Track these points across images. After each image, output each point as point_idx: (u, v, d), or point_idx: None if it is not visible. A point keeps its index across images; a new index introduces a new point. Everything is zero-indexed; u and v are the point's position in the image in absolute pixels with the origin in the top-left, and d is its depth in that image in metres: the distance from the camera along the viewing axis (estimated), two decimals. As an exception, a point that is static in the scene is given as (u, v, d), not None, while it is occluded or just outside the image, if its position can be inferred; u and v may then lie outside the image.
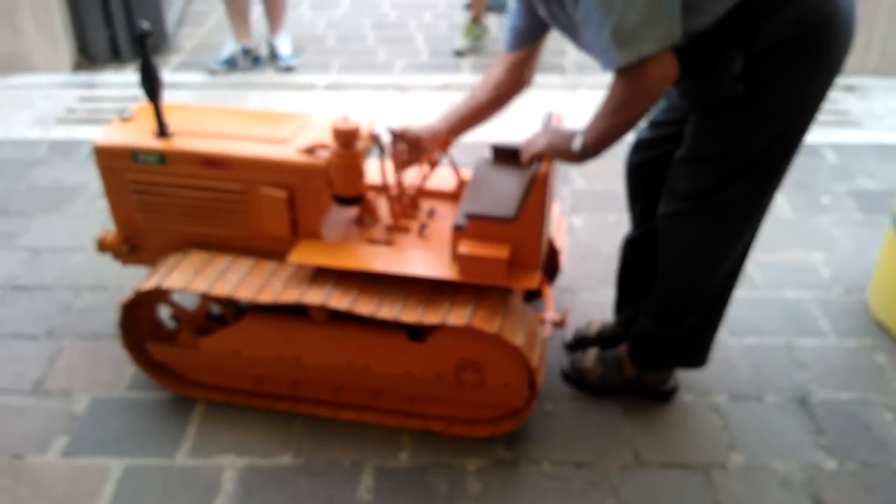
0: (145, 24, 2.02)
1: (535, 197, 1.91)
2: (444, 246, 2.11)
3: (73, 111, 4.08)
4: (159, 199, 2.18)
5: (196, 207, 2.17)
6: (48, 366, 2.41)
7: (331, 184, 2.06)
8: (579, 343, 2.48)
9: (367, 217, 2.23)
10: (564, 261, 2.54)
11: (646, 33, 1.58)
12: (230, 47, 4.59)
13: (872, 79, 4.44)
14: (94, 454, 2.13)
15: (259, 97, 4.27)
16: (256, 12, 4.75)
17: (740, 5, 1.64)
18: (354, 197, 2.08)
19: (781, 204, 3.27)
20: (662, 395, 2.30)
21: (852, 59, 4.39)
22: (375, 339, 2.09)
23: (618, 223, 3.09)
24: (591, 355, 2.35)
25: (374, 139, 2.13)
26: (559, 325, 2.30)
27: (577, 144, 1.83)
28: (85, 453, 2.13)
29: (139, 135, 2.15)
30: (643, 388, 2.29)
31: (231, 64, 4.54)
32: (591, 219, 3.15)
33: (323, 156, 2.04)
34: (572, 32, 1.79)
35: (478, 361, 2.07)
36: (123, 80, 4.40)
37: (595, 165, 3.26)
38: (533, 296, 2.57)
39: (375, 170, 2.21)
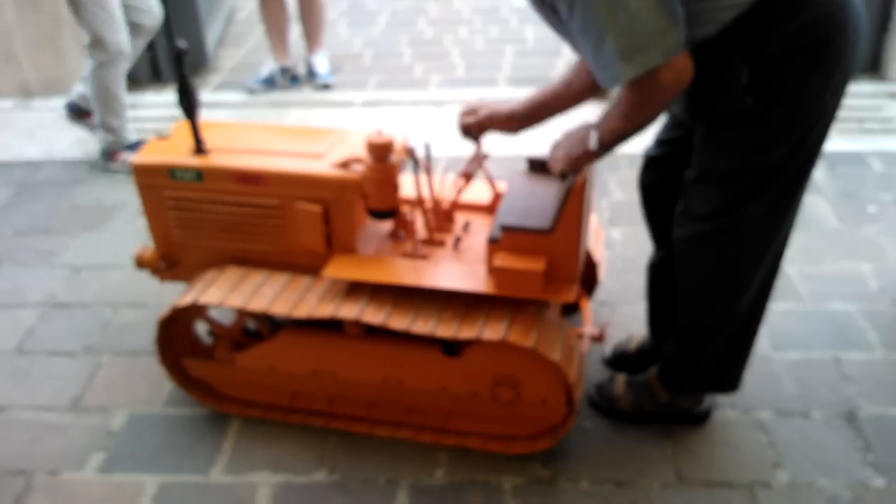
0: (182, 43, 2.04)
1: (572, 208, 1.87)
2: (480, 259, 2.08)
3: (114, 131, 4.13)
4: (196, 215, 2.19)
5: (232, 223, 2.18)
6: (86, 382, 2.43)
7: (365, 198, 2.05)
8: (619, 359, 2.43)
9: (401, 231, 2.22)
10: (603, 274, 2.50)
11: (651, 44, 1.50)
12: (269, 66, 4.62)
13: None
14: (130, 470, 2.13)
15: (297, 115, 4.29)
16: (295, 32, 4.78)
17: (748, 14, 1.58)
18: (389, 210, 2.07)
19: (827, 214, 3.19)
20: (697, 417, 2.24)
21: (895, 67, 4.31)
22: (410, 354, 2.07)
23: (657, 236, 3.04)
24: (620, 382, 2.28)
25: (409, 153, 2.12)
26: (598, 339, 2.27)
27: (593, 144, 1.76)
28: (121, 469, 2.14)
29: (176, 152, 2.17)
30: (677, 412, 2.23)
31: (269, 83, 4.57)
32: (629, 231, 3.11)
33: (357, 170, 2.04)
34: (570, 40, 1.73)
35: (514, 377, 2.04)
36: (164, 101, 4.46)
37: (634, 177, 3.22)
38: (571, 310, 2.53)
39: (411, 184, 2.20)
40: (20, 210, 3.41)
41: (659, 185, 2.08)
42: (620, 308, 2.69)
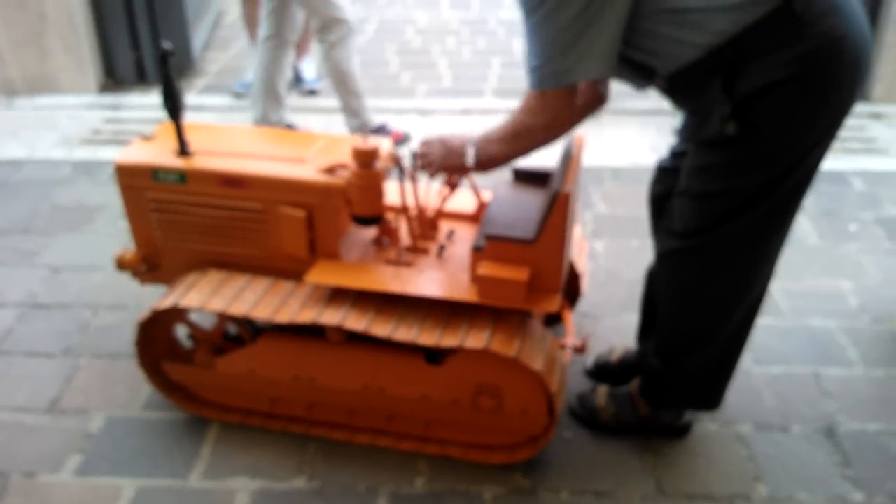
0: (167, 45, 2.02)
1: (555, 219, 1.88)
2: (463, 268, 2.08)
3: (98, 132, 4.11)
4: (178, 217, 2.17)
5: (215, 226, 2.16)
6: (64, 384, 2.40)
7: (350, 204, 2.04)
8: (601, 370, 2.43)
9: (385, 238, 2.21)
10: (586, 285, 2.50)
11: (554, 63, 1.63)
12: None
13: (900, 107, 4.39)
14: (107, 474, 2.11)
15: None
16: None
17: (732, 42, 1.58)
18: (373, 217, 2.07)
19: (808, 231, 3.22)
20: (678, 430, 2.24)
21: (879, 87, 4.36)
22: (392, 362, 2.06)
23: (640, 248, 3.05)
24: (602, 393, 2.28)
25: (395, 160, 2.12)
26: (580, 350, 2.27)
27: (470, 161, 1.88)
28: (98, 473, 2.11)
29: (160, 153, 2.16)
30: (658, 425, 2.23)
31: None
32: (613, 244, 3.12)
33: (342, 175, 2.03)
34: None
35: (496, 386, 2.03)
36: (149, 102, 4.44)
37: (617, 191, 3.22)
38: (554, 320, 2.53)
39: (395, 191, 2.19)
40: (0, 209, 3.37)
41: (666, 196, 2.08)
42: (603, 320, 2.69)
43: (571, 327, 2.39)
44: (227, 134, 2.34)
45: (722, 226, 1.78)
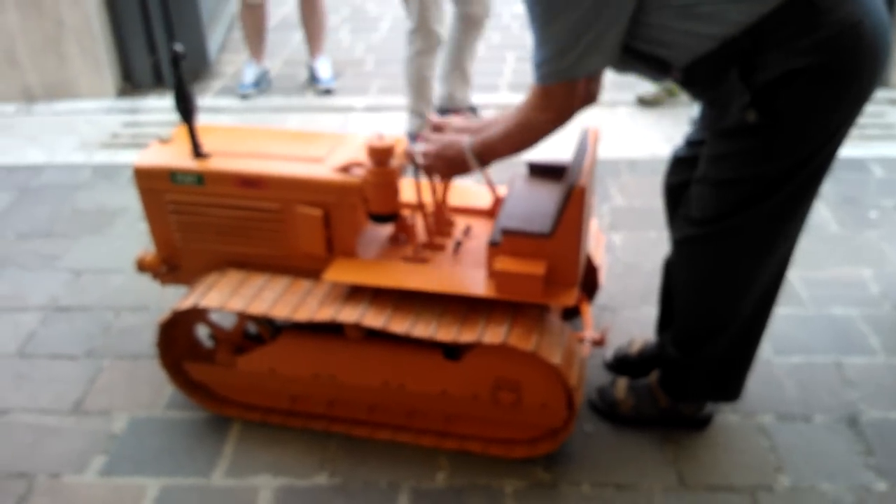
0: (179, 47, 2.03)
1: (571, 212, 1.88)
2: (480, 263, 2.08)
3: (116, 136, 4.14)
4: (197, 218, 2.19)
5: (233, 227, 2.18)
6: (88, 386, 2.43)
7: (366, 202, 2.05)
8: (621, 362, 2.43)
9: (402, 235, 2.22)
10: (603, 278, 2.50)
11: (560, 59, 1.64)
12: (252, 70, 4.65)
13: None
14: (131, 474, 2.13)
15: (298, 120, 4.30)
16: (297, 37, 4.78)
17: (748, 32, 1.57)
18: (389, 214, 2.08)
19: (828, 219, 3.19)
20: (699, 422, 2.23)
21: (899, 72, 4.30)
22: (411, 358, 2.07)
23: (658, 240, 3.04)
24: (621, 385, 2.28)
25: (409, 157, 2.12)
26: (599, 343, 2.26)
27: (472, 164, 1.92)
28: (122, 473, 2.14)
29: (177, 156, 2.18)
30: (679, 417, 2.22)
31: (258, 85, 4.61)
32: (630, 236, 3.11)
33: (358, 174, 2.04)
34: None
35: (515, 380, 2.03)
36: (166, 106, 4.46)
37: (634, 182, 3.21)
38: (572, 314, 2.53)
39: (412, 188, 2.20)
40: (22, 214, 3.41)
41: (682, 185, 2.07)
42: (621, 312, 2.69)
43: (590, 320, 2.39)
44: (242, 135, 2.36)
45: (739, 213, 1.78)
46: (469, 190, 2.39)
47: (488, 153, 1.89)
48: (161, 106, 4.48)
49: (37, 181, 3.69)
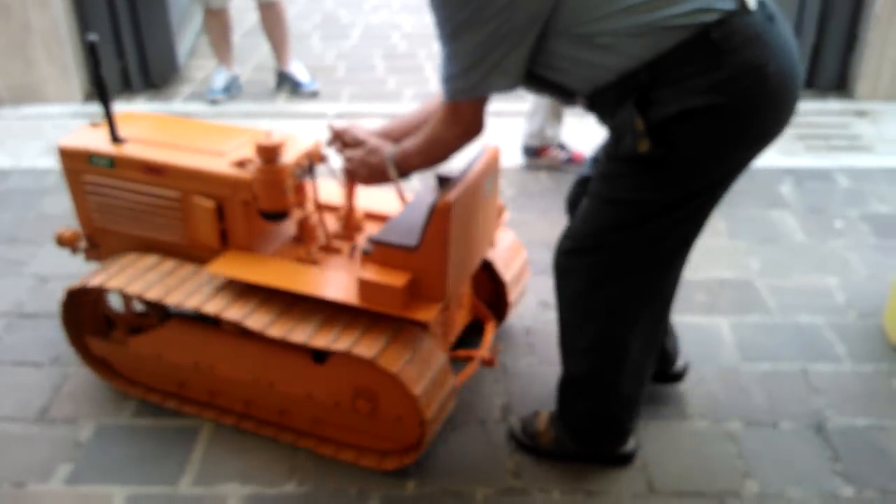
0: (93, 36, 2.17)
1: (435, 227, 1.88)
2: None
3: (83, 141, 4.09)
4: (110, 200, 2.28)
5: (140, 211, 2.25)
6: (53, 393, 2.40)
7: (255, 198, 2.08)
8: None
9: (305, 236, 2.24)
10: (515, 295, 2.49)
11: (466, 77, 1.64)
12: (222, 76, 4.62)
13: (884, 104, 4.41)
14: (97, 482, 2.10)
15: (268, 126, 4.26)
16: (267, 44, 4.75)
17: (648, 66, 1.56)
18: (278, 212, 2.09)
19: (794, 229, 3.24)
20: (620, 459, 2.13)
21: (863, 84, 4.39)
22: (280, 357, 2.11)
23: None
24: (543, 417, 2.17)
25: (321, 158, 2.16)
26: (488, 363, 2.27)
27: (393, 175, 1.92)
28: (88, 481, 2.10)
29: (97, 140, 2.26)
30: (598, 452, 2.12)
31: (228, 91, 4.59)
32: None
33: (251, 170, 2.08)
34: None
35: (373, 391, 2.04)
36: (133, 110, 4.42)
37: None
38: (478, 330, 2.49)
39: (332, 190, 2.29)
40: (-14, 219, 3.36)
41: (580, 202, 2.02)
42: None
43: (489, 339, 2.37)
44: (165, 124, 2.45)
45: (617, 233, 1.76)
46: (389, 196, 2.40)
47: (405, 164, 1.89)
48: (128, 110, 4.43)
49: (2, 186, 3.64)
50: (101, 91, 2.17)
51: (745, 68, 1.54)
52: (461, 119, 1.74)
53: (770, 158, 3.76)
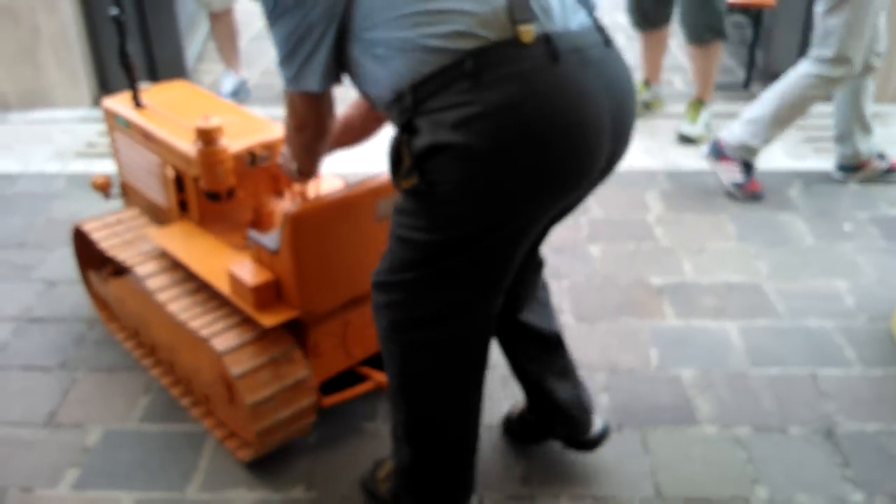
0: (115, 11, 2.39)
1: (286, 236, 1.90)
2: None
3: (92, 145, 4.11)
4: (124, 157, 2.59)
5: (140, 170, 2.50)
6: (61, 398, 2.40)
7: (199, 177, 2.19)
8: (507, 427, 2.24)
9: (260, 222, 2.31)
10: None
11: (285, 68, 1.59)
12: (231, 80, 4.63)
13: (893, 106, 4.40)
14: (104, 487, 2.10)
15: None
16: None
17: (413, 89, 1.42)
18: (216, 193, 2.19)
19: (803, 232, 3.22)
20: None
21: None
22: (179, 328, 2.16)
23: (636, 252, 3.06)
24: (387, 466, 2.00)
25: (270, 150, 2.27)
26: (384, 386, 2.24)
27: (293, 174, 1.92)
28: (96, 486, 2.11)
29: (127, 103, 2.50)
30: None
31: (236, 95, 4.59)
32: (608, 248, 3.12)
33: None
34: None
35: (228, 381, 2.06)
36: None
37: (612, 195, 3.22)
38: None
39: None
40: (-5, 224, 3.37)
41: None
42: (598, 324, 2.69)
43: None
44: (195, 97, 2.64)
45: (409, 271, 1.59)
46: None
47: (294, 163, 1.88)
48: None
49: (11, 190, 3.65)
50: (125, 62, 2.42)
51: (498, 107, 1.37)
52: (295, 112, 1.68)
53: (778, 161, 3.77)
